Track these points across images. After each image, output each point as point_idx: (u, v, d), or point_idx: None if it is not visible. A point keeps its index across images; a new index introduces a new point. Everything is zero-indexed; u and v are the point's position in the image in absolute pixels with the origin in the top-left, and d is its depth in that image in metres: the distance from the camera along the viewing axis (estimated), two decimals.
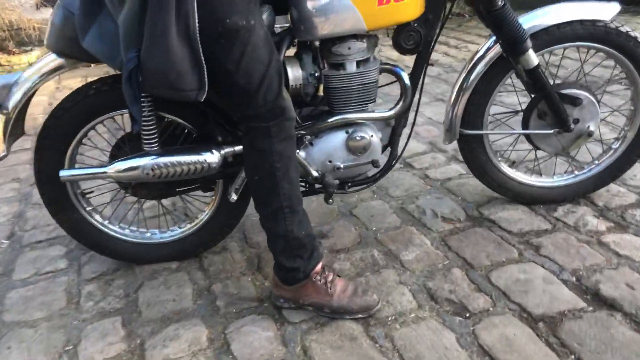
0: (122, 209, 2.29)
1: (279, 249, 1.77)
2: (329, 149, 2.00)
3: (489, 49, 2.05)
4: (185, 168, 1.85)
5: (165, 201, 2.32)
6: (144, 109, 1.80)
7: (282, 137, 1.69)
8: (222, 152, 1.90)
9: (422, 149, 2.97)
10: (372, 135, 2.00)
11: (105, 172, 1.87)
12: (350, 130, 1.99)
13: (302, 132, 1.97)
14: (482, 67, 2.05)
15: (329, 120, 1.97)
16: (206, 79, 1.57)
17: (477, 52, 2.09)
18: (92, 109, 1.90)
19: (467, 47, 4.92)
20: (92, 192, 2.09)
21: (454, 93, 2.11)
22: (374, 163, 2.02)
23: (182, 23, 1.51)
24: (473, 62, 2.08)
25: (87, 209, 2.07)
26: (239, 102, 1.68)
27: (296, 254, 1.77)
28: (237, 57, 1.61)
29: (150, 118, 1.83)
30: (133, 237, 2.14)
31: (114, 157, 2.00)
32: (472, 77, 2.07)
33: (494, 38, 2.03)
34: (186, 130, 1.99)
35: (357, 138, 1.98)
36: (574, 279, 1.84)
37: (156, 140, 1.88)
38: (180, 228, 2.17)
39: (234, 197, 1.94)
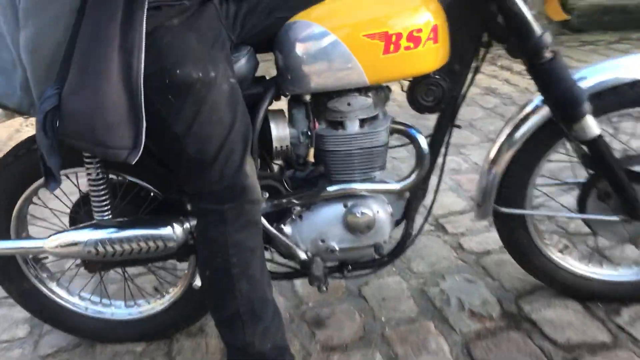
0: (83, 275, 1.96)
1: None
2: (322, 225, 1.60)
3: (537, 107, 1.59)
4: (136, 247, 1.50)
5: (132, 269, 1.98)
6: (90, 168, 1.47)
7: (242, 224, 1.31)
8: (186, 225, 1.53)
9: (460, 206, 2.50)
10: (377, 211, 1.58)
11: (41, 247, 1.55)
12: (349, 203, 1.58)
13: (290, 202, 1.58)
14: (527, 130, 1.59)
15: (324, 189, 1.57)
16: (143, 137, 1.22)
17: (522, 108, 1.63)
18: (14, 183, 1.60)
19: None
20: (46, 257, 1.78)
21: (489, 159, 1.66)
22: (377, 248, 1.60)
23: (124, 61, 1.17)
24: (516, 122, 1.62)
25: (41, 276, 1.77)
26: (188, 175, 1.32)
27: None
28: (188, 119, 1.25)
29: (99, 179, 1.50)
30: (94, 312, 1.81)
31: (75, 221, 1.68)
32: (513, 140, 1.61)
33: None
34: (152, 194, 1.64)
35: (358, 214, 1.57)
36: None
37: (107, 207, 1.54)
38: (148, 303, 1.82)
39: (197, 283, 1.57)
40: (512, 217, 1.69)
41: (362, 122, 1.53)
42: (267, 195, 1.56)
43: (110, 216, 1.56)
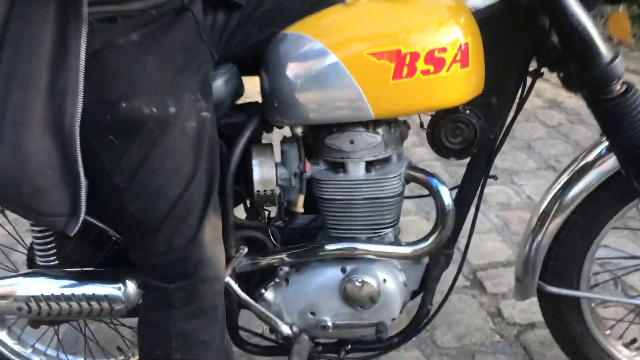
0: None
1: None
2: (313, 293, 1.26)
3: (600, 156, 1.21)
4: (76, 307, 1.20)
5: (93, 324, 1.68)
6: None
7: (192, 310, 1.01)
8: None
9: (506, 255, 2.08)
10: (384, 280, 1.24)
11: None
12: (349, 267, 1.24)
13: (276, 260, 1.25)
14: (587, 185, 1.21)
15: (322, 247, 1.24)
16: (83, 201, 0.95)
17: (581, 156, 1.26)
18: None
19: None
20: None
21: (535, 220, 1.28)
22: (380, 330, 1.24)
23: (53, 106, 0.89)
24: (571, 172, 1.25)
25: None
26: (129, 238, 1.03)
27: None
28: (131, 167, 0.97)
29: None
30: None
31: (32, 262, 1.41)
32: (569, 198, 1.23)
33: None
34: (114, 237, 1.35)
35: (358, 282, 1.22)
36: None
37: (52, 252, 1.26)
38: None
39: None
40: (562, 299, 1.31)
41: (369, 165, 1.20)
42: (246, 250, 1.24)
43: (56, 262, 1.27)
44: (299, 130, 1.17)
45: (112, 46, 0.93)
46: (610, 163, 1.18)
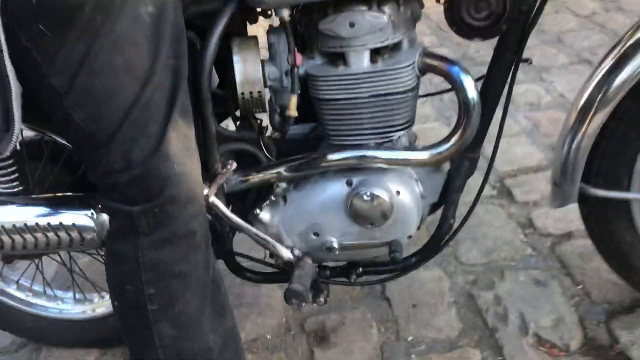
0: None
1: None
2: (315, 211, 1.08)
3: None
4: (42, 238, 1.04)
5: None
6: None
7: (163, 237, 0.83)
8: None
9: (536, 159, 1.87)
10: (398, 192, 1.05)
11: None
12: (355, 179, 1.05)
13: (271, 176, 1.07)
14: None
15: (319, 159, 1.04)
16: (16, 114, 0.76)
17: (630, 34, 1.02)
18: None
19: None
20: None
21: (575, 114, 1.06)
22: (393, 249, 1.06)
23: None
24: (619, 53, 1.02)
25: None
26: (81, 155, 0.84)
27: None
28: (70, 65, 0.77)
29: None
30: (33, 307, 1.40)
31: None
32: (617, 83, 1.01)
33: None
34: None
35: (367, 196, 1.04)
36: None
37: (14, 178, 1.11)
38: (103, 299, 1.39)
39: None
40: (608, 203, 1.11)
41: (375, 54, 0.99)
42: (235, 165, 1.06)
43: (19, 188, 1.11)
44: (285, 14, 0.95)
45: None
46: None
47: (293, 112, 1.00)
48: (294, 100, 0.99)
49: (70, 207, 1.06)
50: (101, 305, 1.39)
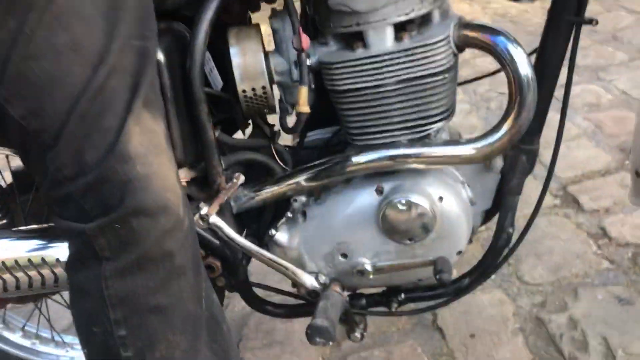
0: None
1: None
2: (340, 227, 0.90)
3: None
4: (22, 278, 0.89)
5: None
6: None
7: (132, 262, 0.66)
8: None
9: (602, 162, 1.66)
10: (441, 198, 0.85)
11: None
12: (387, 186, 0.87)
13: (286, 188, 0.89)
14: None
15: (343, 164, 0.86)
16: None
17: None
18: None
19: None
20: None
21: None
22: (439, 269, 0.86)
23: None
24: None
25: None
26: (25, 159, 0.69)
27: None
28: (1, 46, 0.60)
29: None
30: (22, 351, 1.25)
31: None
32: None
33: None
34: None
35: (402, 205, 0.85)
36: None
37: None
38: None
39: None
40: None
41: (400, 30, 0.81)
42: (242, 178, 0.89)
43: (3, 221, 0.98)
44: None
45: None
46: None
47: (304, 107, 0.82)
48: (304, 93, 0.82)
49: (54, 239, 0.91)
50: None
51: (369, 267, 0.89)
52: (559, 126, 0.86)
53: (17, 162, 1.02)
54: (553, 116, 0.83)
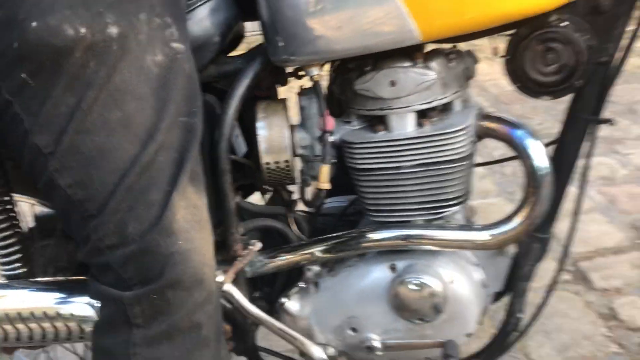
0: None
1: None
2: (352, 301, 0.92)
3: None
4: (37, 329, 0.91)
5: None
6: None
7: (162, 331, 0.69)
8: None
9: (615, 239, 1.66)
10: (452, 280, 0.87)
11: None
12: (400, 264, 0.89)
13: (300, 258, 0.91)
14: None
15: (359, 239, 0.88)
16: None
17: None
18: None
19: None
20: None
21: None
22: (448, 352, 0.87)
23: None
24: None
25: None
26: (68, 225, 0.72)
27: None
28: (58, 120, 0.66)
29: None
30: None
31: None
32: None
33: None
34: None
35: (414, 285, 0.86)
36: None
37: (16, 259, 1.00)
38: None
39: None
40: None
41: (422, 116, 0.84)
42: (259, 245, 0.91)
43: (23, 270, 1.00)
44: (316, 72, 0.82)
45: None
46: None
47: (325, 184, 0.85)
48: (325, 171, 0.84)
49: (70, 293, 0.93)
50: None
51: (377, 344, 0.90)
52: (576, 204, 0.88)
53: (38, 208, 1.06)
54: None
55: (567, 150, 0.85)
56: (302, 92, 0.90)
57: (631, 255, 1.58)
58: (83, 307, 0.90)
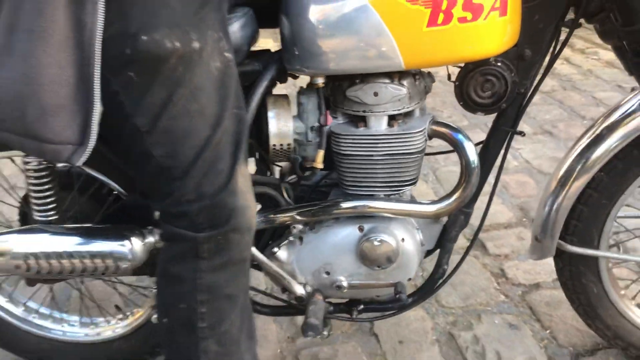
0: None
1: None
2: (328, 252, 1.21)
3: (628, 115, 1.16)
4: (79, 265, 1.13)
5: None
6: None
7: (222, 262, 0.95)
8: (150, 240, 1.15)
9: (506, 217, 2.07)
10: (403, 239, 1.19)
11: None
12: (366, 226, 1.19)
13: (290, 218, 1.19)
14: (615, 143, 1.17)
15: (337, 205, 1.18)
16: (95, 128, 0.85)
17: (604, 117, 1.20)
18: None
19: (597, 55, 3.66)
20: None
21: (557, 180, 1.24)
22: (398, 289, 1.20)
23: (72, 15, 0.80)
24: (598, 131, 1.20)
25: None
26: (153, 185, 0.95)
27: None
28: (154, 107, 0.88)
29: (41, 169, 1.16)
30: (38, 328, 1.45)
31: (25, 218, 1.33)
32: (595, 157, 1.19)
33: None
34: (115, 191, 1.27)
35: (377, 241, 1.18)
36: None
37: (52, 207, 1.19)
38: (108, 324, 1.46)
39: (154, 317, 1.19)
40: (580, 259, 1.28)
41: (392, 119, 1.14)
42: (259, 206, 1.18)
43: (55, 217, 1.20)
44: (320, 81, 1.10)
45: None
46: None
47: (319, 164, 1.14)
48: (321, 155, 1.13)
49: (105, 237, 1.15)
50: (105, 329, 1.46)
51: (345, 284, 1.21)
52: (491, 192, 1.23)
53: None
54: None
55: (490, 151, 1.20)
56: (302, 91, 1.17)
57: (517, 229, 2.00)
58: (120, 247, 1.13)
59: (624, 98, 1.19)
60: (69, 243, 1.14)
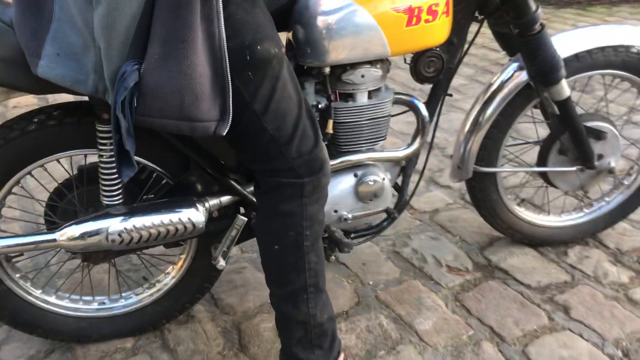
0: (60, 274, 1.78)
1: (295, 338, 1.39)
2: (334, 196, 1.64)
3: (511, 76, 1.78)
4: (164, 230, 1.42)
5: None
6: (103, 149, 1.39)
7: (317, 197, 1.34)
8: (207, 205, 1.48)
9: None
10: (383, 178, 1.67)
11: (54, 240, 1.39)
12: (359, 172, 1.65)
13: None
14: (505, 97, 1.78)
15: (336, 161, 1.61)
16: (230, 107, 1.18)
17: (496, 79, 1.81)
18: (31, 149, 1.41)
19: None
20: (21, 254, 1.57)
21: (468, 125, 1.82)
22: (390, 213, 1.68)
23: (206, 29, 1.11)
24: (492, 90, 1.80)
25: (13, 277, 1.56)
26: (265, 154, 1.29)
27: (316, 344, 1.40)
28: (265, 96, 1.23)
29: (112, 161, 1.40)
30: (74, 310, 1.66)
31: (54, 212, 1.53)
32: (492, 108, 1.79)
33: (516, 64, 1.77)
34: (154, 176, 1.54)
35: (370, 182, 1.64)
36: (620, 353, 1.62)
37: (120, 192, 1.44)
38: (136, 295, 1.71)
39: (222, 263, 1.52)
40: (486, 176, 1.88)
41: (370, 93, 1.60)
42: None
43: (121, 200, 1.45)
44: (327, 70, 1.52)
45: (231, 3, 1.17)
46: (521, 78, 1.75)
47: (330, 130, 1.56)
48: (331, 123, 1.55)
49: (174, 208, 1.44)
50: (134, 300, 1.69)
51: (348, 216, 1.66)
52: (430, 141, 1.76)
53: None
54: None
55: (430, 108, 1.72)
56: (303, 78, 1.57)
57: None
58: (195, 213, 1.43)
59: (503, 69, 1.81)
60: (151, 216, 1.41)
